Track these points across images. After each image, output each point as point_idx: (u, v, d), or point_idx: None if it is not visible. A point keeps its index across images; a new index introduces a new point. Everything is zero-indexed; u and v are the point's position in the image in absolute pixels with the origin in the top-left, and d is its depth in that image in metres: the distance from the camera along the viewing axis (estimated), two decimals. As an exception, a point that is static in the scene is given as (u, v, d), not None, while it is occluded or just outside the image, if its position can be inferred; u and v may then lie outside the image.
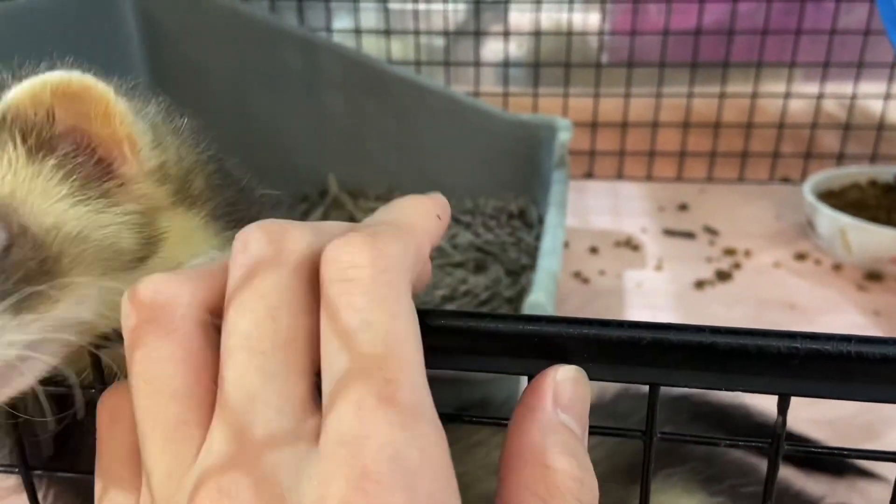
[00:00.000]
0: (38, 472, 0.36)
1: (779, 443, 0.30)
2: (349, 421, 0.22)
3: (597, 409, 0.59)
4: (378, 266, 0.24)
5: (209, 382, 0.25)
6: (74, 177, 0.33)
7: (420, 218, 0.29)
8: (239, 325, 0.24)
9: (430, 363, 0.26)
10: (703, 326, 0.29)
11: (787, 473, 0.60)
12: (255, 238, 0.25)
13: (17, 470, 0.34)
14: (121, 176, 0.35)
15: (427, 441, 0.22)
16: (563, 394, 0.27)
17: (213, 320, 0.26)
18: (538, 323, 0.29)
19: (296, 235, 0.25)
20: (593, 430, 0.32)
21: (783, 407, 0.29)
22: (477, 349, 0.30)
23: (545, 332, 0.29)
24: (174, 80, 1.02)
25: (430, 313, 0.28)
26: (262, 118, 1.03)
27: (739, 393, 0.30)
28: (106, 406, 0.28)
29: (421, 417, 0.23)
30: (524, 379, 0.30)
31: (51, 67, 0.34)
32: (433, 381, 0.25)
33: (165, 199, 0.36)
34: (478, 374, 0.49)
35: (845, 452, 0.31)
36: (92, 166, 0.34)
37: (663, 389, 0.30)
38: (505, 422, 0.29)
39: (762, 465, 0.59)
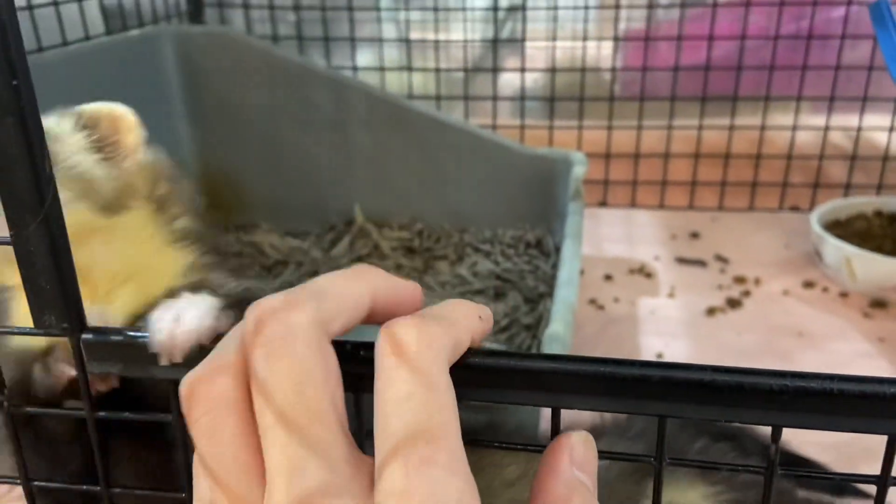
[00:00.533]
0: (39, 483, 0.41)
1: (773, 468, 0.34)
2: (398, 478, 0.25)
3: (615, 428, 0.64)
4: (421, 344, 0.28)
5: (259, 456, 0.28)
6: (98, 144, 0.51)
7: (463, 315, 0.32)
8: (269, 404, 0.27)
9: (465, 396, 0.31)
10: (706, 366, 0.33)
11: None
12: (265, 317, 0.28)
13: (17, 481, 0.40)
14: (121, 157, 0.52)
15: (462, 494, 0.26)
16: (577, 454, 0.31)
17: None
18: (560, 361, 0.34)
19: (303, 310, 0.28)
20: (612, 455, 0.37)
21: (776, 437, 0.33)
22: (504, 384, 0.34)
23: (566, 370, 0.33)
24: (211, 117, 1.08)
25: (466, 352, 0.33)
26: (293, 152, 1.09)
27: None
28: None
29: (457, 474, 0.26)
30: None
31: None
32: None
33: (143, 189, 0.52)
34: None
35: (832, 476, 0.36)
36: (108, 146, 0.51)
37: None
38: (526, 447, 0.33)
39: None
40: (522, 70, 1.28)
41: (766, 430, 0.33)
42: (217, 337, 0.36)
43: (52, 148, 0.44)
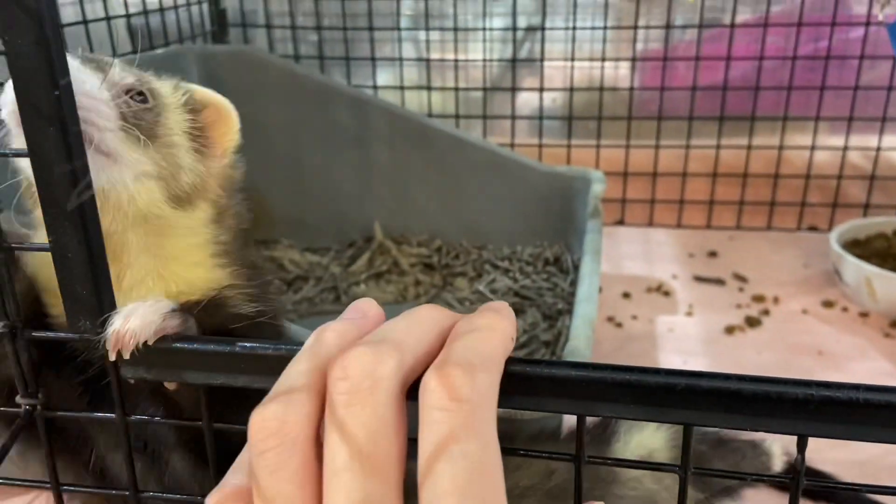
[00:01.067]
0: (69, 488, 0.43)
1: (799, 478, 0.34)
2: None
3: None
4: (472, 398, 0.28)
5: (318, 492, 0.29)
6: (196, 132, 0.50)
7: (501, 343, 0.32)
8: (341, 452, 0.28)
9: (502, 403, 0.31)
10: (731, 375, 0.33)
11: None
12: (353, 365, 0.29)
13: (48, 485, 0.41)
14: (211, 152, 0.51)
15: None
16: None
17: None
18: (586, 369, 0.34)
19: (390, 364, 0.29)
20: (636, 465, 0.37)
21: (802, 446, 0.34)
22: (531, 392, 0.34)
23: (592, 378, 0.34)
24: (234, 134, 1.10)
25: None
26: (315, 169, 1.10)
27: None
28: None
29: None
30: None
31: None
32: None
33: (213, 193, 0.51)
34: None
35: (856, 487, 0.36)
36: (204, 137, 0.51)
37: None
38: (551, 455, 0.34)
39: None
40: (541, 89, 1.29)
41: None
42: (163, 338, 0.38)
43: (147, 87, 0.47)
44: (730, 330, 0.98)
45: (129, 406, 0.41)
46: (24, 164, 0.43)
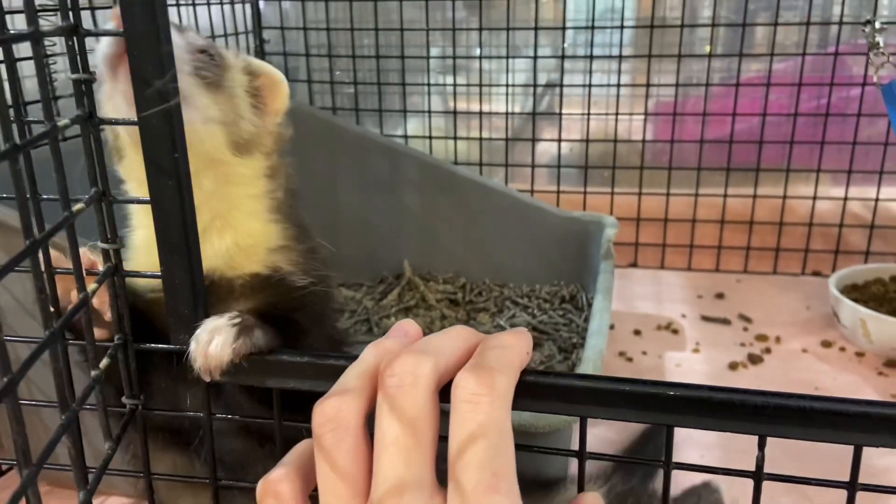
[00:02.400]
0: (160, 476, 0.51)
1: (760, 473, 0.42)
2: (467, 500, 0.35)
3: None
4: (493, 395, 0.37)
5: (367, 468, 0.38)
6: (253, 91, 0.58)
7: (520, 355, 0.40)
8: (390, 430, 0.37)
9: (514, 406, 0.40)
10: (703, 385, 0.42)
11: None
12: (399, 365, 0.38)
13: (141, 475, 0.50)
14: (265, 111, 0.59)
15: None
16: None
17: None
18: (588, 380, 0.43)
19: (427, 365, 0.38)
20: (627, 458, 0.45)
21: (762, 444, 0.42)
22: (546, 397, 0.43)
23: (593, 387, 0.42)
24: (278, 179, 1.21)
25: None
26: (350, 211, 1.21)
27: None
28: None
29: (514, 498, 0.36)
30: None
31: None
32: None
33: (267, 148, 0.59)
34: (539, 424, 0.62)
35: (813, 482, 0.44)
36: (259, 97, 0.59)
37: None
38: (559, 451, 0.42)
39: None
40: (559, 140, 1.39)
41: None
42: (248, 354, 0.46)
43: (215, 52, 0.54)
44: (733, 366, 1.05)
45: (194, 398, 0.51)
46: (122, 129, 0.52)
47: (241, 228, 0.56)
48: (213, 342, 0.46)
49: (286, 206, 0.61)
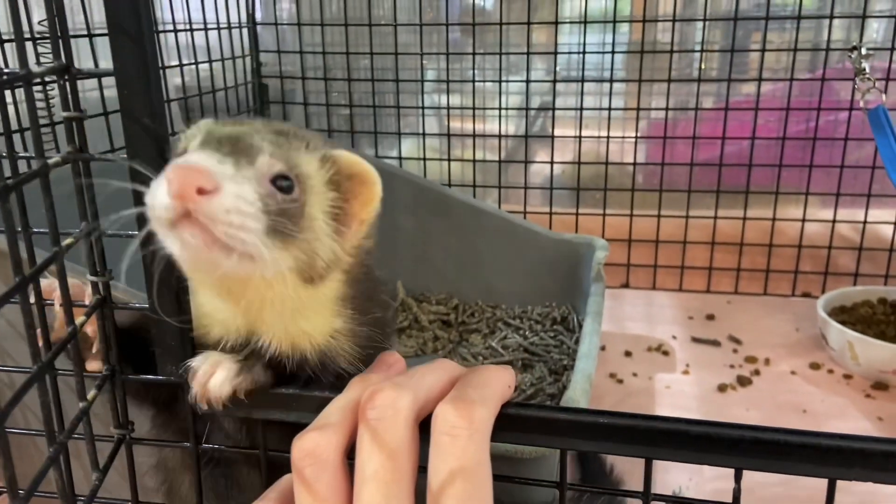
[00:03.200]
0: (207, 446, 0.51)
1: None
2: None
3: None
4: (472, 428, 0.38)
5: (347, 500, 0.39)
6: (336, 209, 0.47)
7: (500, 388, 0.41)
8: (370, 463, 0.38)
9: (495, 438, 0.41)
10: (681, 419, 0.43)
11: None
12: (380, 399, 0.39)
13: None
14: (345, 229, 0.48)
15: None
16: None
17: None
18: (568, 413, 0.44)
19: (407, 398, 0.39)
20: (607, 490, 0.46)
21: (738, 477, 0.43)
22: (528, 429, 0.44)
23: (573, 420, 0.43)
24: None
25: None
26: (344, 234, 1.21)
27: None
28: None
29: None
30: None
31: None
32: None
33: (345, 264, 0.49)
34: (526, 450, 0.62)
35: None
36: (338, 207, 0.48)
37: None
38: (543, 483, 0.43)
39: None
40: (552, 162, 1.40)
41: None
42: (250, 392, 0.46)
43: (296, 170, 0.44)
44: (722, 388, 1.06)
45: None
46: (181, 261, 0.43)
47: (299, 332, 0.48)
48: (215, 377, 0.46)
49: (360, 296, 0.51)
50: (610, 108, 1.35)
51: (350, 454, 0.40)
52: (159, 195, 0.39)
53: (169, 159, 0.42)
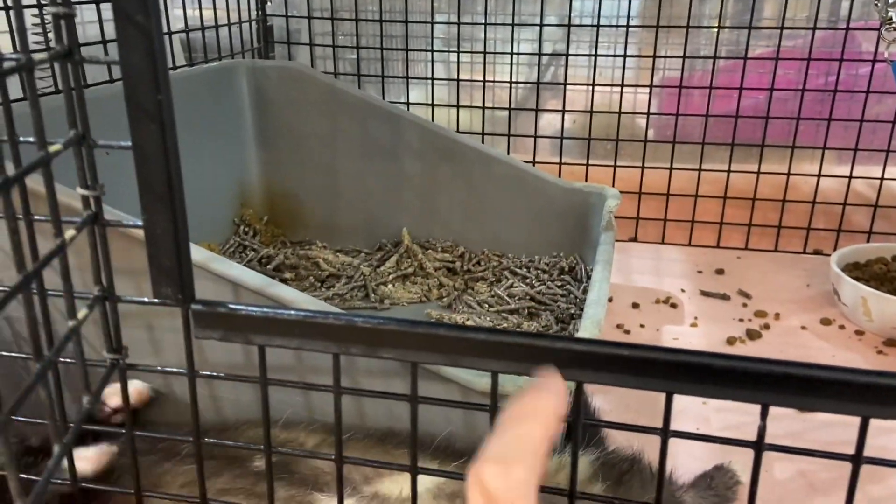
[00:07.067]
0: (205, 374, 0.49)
1: (761, 443, 0.41)
2: None
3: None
4: (507, 499, 0.29)
5: None
6: None
7: (542, 433, 0.33)
8: None
9: (509, 370, 0.38)
10: (704, 352, 0.40)
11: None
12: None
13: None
14: None
15: None
16: None
17: None
18: (586, 344, 0.41)
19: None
20: (623, 426, 0.44)
21: (764, 414, 0.40)
22: (537, 361, 0.41)
23: (591, 351, 0.41)
24: (277, 142, 1.19)
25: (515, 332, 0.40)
26: (350, 177, 1.19)
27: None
28: None
29: None
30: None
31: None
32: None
33: None
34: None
35: (816, 454, 0.42)
36: None
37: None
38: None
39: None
40: (563, 111, 1.36)
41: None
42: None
43: None
44: (731, 341, 1.04)
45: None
46: None
47: None
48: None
49: None
50: (625, 56, 1.31)
51: None
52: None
53: None
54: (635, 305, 1.14)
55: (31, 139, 0.40)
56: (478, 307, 1.04)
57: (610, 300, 1.14)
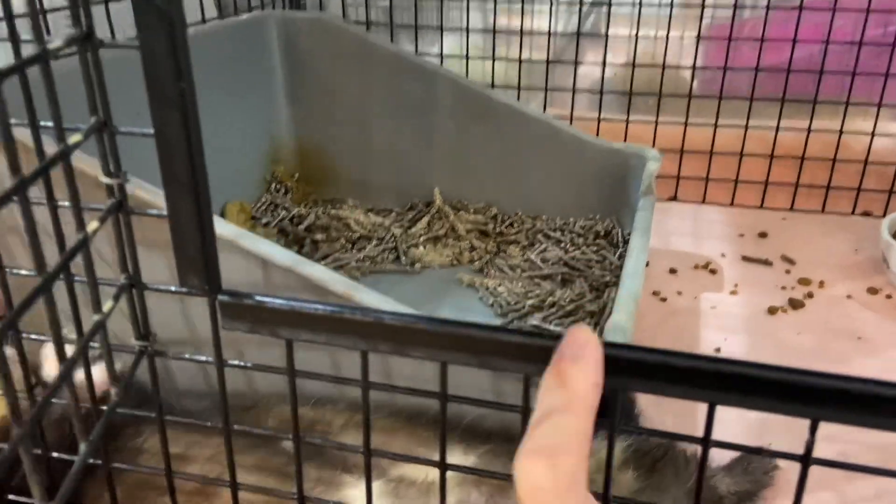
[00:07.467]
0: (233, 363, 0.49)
1: (809, 458, 0.39)
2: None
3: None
4: (557, 491, 0.27)
5: None
6: None
7: (585, 417, 0.31)
8: None
9: (540, 372, 0.37)
10: (752, 363, 0.38)
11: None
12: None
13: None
14: None
15: None
16: None
17: None
18: (623, 350, 0.39)
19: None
20: (663, 433, 0.42)
21: (813, 429, 0.38)
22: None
23: (628, 357, 0.39)
24: (308, 98, 1.16)
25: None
26: (381, 134, 1.16)
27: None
28: None
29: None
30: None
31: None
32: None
33: None
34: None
35: (869, 470, 0.40)
36: None
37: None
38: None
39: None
40: (603, 64, 1.31)
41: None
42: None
43: None
44: (772, 311, 1.01)
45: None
46: None
47: None
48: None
49: None
50: (671, 5, 1.24)
51: None
52: None
53: None
54: (672, 271, 1.11)
55: (51, 123, 0.39)
56: (510, 272, 1.02)
57: (647, 265, 1.11)
